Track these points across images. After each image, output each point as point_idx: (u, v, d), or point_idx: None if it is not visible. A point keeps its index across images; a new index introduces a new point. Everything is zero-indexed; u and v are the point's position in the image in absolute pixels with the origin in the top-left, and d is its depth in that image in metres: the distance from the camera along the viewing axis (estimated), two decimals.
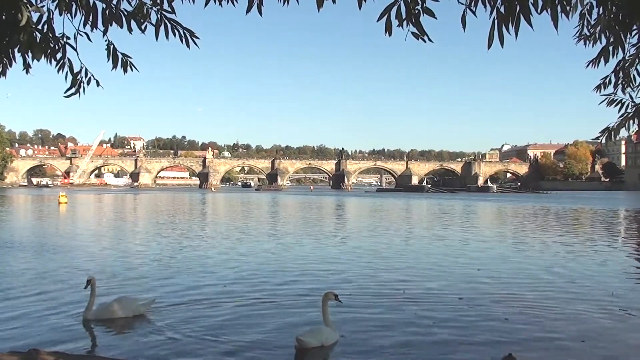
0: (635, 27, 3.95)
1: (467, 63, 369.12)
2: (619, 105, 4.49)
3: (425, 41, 3.77)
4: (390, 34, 3.65)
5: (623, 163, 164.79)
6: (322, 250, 17.37)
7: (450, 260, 15.23)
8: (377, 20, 3.63)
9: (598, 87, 4.70)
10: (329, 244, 19.07)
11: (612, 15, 3.83)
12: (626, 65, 4.43)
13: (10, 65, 4.25)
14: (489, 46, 3.55)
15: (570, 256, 16.28)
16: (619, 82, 4.52)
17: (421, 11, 3.65)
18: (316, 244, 19.21)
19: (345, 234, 23.51)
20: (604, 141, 4.51)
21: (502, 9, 3.50)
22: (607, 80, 4.64)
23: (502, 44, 3.52)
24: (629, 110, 4.45)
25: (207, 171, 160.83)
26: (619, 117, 4.46)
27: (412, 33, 3.68)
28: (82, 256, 15.41)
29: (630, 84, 4.49)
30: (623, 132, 4.59)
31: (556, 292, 10.76)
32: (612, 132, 4.44)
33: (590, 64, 4.54)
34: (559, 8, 3.48)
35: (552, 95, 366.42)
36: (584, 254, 16.99)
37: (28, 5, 3.92)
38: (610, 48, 4.26)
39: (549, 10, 3.45)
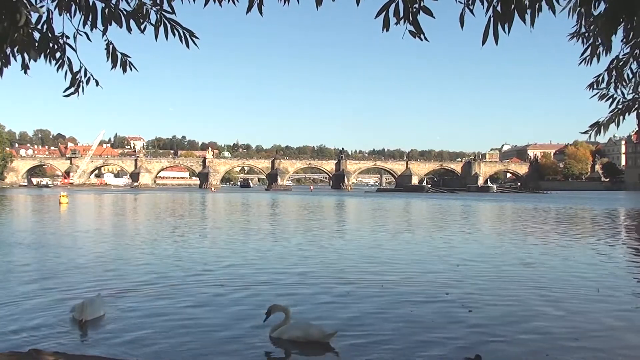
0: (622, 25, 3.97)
1: (467, 63, 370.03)
2: (610, 100, 4.53)
3: (422, 39, 3.79)
4: (387, 30, 3.67)
5: (623, 163, 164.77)
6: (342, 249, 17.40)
7: (443, 258, 15.27)
8: (375, 17, 3.65)
9: (590, 85, 4.74)
10: (336, 243, 19.09)
11: (599, 13, 3.87)
12: (620, 64, 4.47)
13: (7, 65, 4.24)
14: (483, 42, 3.59)
15: (561, 254, 16.34)
16: (612, 80, 4.56)
17: (419, 9, 3.66)
18: (317, 243, 19.22)
19: (346, 232, 23.59)
20: (593, 136, 4.53)
21: (498, 7, 3.52)
22: (600, 78, 4.69)
23: (496, 41, 3.55)
24: (619, 106, 4.49)
25: (207, 171, 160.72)
26: (609, 112, 4.50)
27: (410, 31, 3.71)
28: (82, 255, 15.42)
29: (623, 82, 4.53)
30: (613, 129, 4.61)
31: (542, 290, 10.82)
32: (602, 127, 4.47)
33: (583, 62, 4.58)
34: (537, 7, 3.53)
35: (552, 95, 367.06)
36: (576, 252, 17.06)
37: (27, 5, 3.94)
38: (602, 47, 4.29)
39: (536, 7, 3.49)
